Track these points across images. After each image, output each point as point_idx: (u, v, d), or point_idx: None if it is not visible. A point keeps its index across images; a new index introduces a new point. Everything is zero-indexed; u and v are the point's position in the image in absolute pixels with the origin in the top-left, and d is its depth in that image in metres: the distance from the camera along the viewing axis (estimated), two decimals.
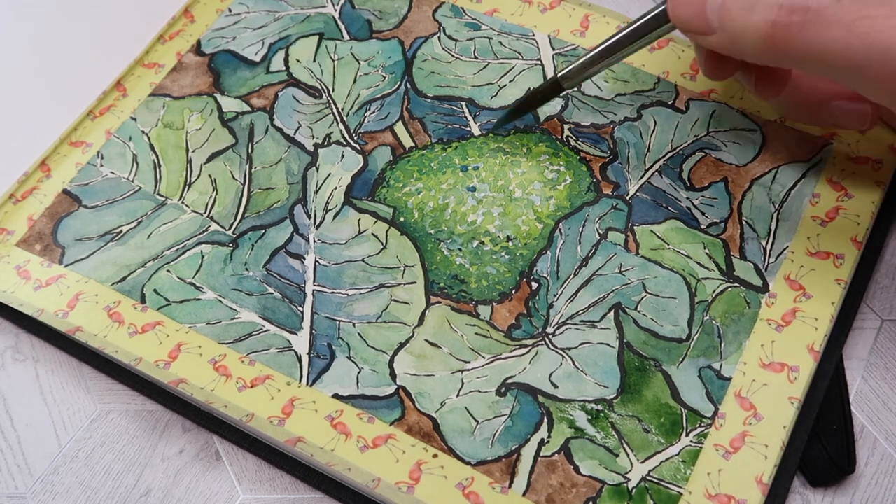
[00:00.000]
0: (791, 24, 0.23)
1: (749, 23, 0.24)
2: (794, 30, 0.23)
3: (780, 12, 0.23)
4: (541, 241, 0.32)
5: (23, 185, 0.35)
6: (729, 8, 0.24)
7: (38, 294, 0.32)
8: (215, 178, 0.35)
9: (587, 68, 0.30)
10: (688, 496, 0.27)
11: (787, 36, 0.23)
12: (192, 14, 0.39)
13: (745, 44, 0.24)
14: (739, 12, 0.24)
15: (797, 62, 0.24)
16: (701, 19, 0.25)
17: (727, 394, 0.28)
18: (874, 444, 0.29)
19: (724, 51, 0.26)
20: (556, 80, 0.31)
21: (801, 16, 0.22)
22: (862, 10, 0.22)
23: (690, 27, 0.26)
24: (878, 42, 0.21)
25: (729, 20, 0.24)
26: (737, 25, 0.24)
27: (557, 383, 0.29)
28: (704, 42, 0.26)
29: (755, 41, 0.24)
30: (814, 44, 0.23)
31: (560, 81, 0.31)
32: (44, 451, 0.31)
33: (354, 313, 0.31)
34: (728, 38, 0.25)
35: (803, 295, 0.30)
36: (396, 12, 0.39)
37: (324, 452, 0.28)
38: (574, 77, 0.31)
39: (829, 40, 0.22)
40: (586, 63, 0.30)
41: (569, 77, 0.31)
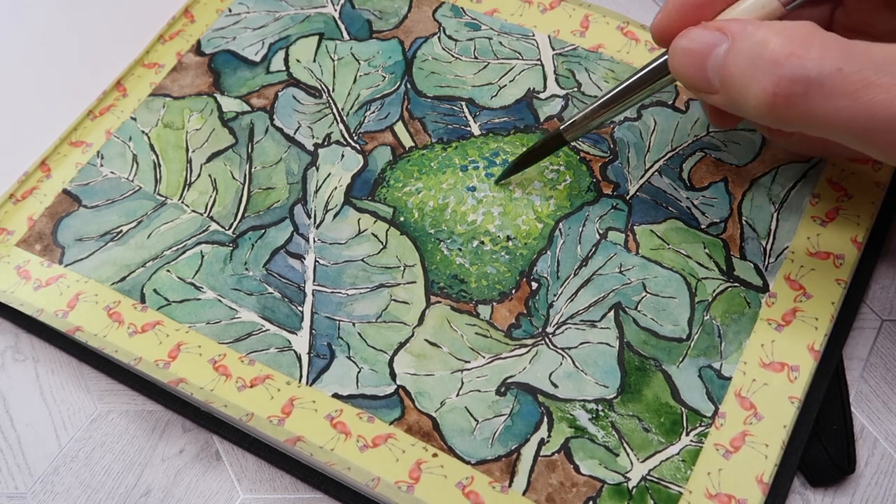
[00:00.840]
0: (792, 94, 0.22)
1: (750, 90, 0.23)
2: (796, 99, 0.22)
3: (780, 82, 0.22)
4: (541, 241, 0.32)
5: (23, 185, 0.35)
6: (730, 71, 0.24)
7: (38, 294, 0.32)
8: (215, 177, 0.35)
9: (589, 120, 0.29)
10: (688, 496, 0.27)
11: (788, 105, 0.22)
12: (192, 14, 0.39)
13: (746, 109, 0.24)
14: (740, 78, 0.23)
15: (800, 128, 0.23)
16: (702, 79, 0.25)
17: (727, 393, 0.28)
18: (874, 444, 0.29)
19: (727, 109, 0.25)
20: (559, 133, 0.30)
21: (802, 86, 0.22)
22: (864, 79, 0.21)
23: (691, 85, 0.25)
24: (883, 111, 0.21)
25: (730, 84, 0.24)
26: (738, 90, 0.24)
27: (557, 383, 0.29)
28: (707, 99, 0.25)
29: (757, 108, 0.23)
30: (817, 112, 0.22)
31: (563, 134, 0.30)
32: (44, 451, 0.31)
33: (354, 313, 0.31)
34: (730, 100, 0.24)
35: (803, 295, 0.30)
36: (396, 12, 0.39)
37: (323, 452, 0.28)
38: (576, 129, 0.30)
39: (833, 109, 0.22)
40: (588, 115, 0.29)
41: (570, 130, 0.30)
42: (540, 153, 0.32)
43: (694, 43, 0.25)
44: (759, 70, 0.23)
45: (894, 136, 0.22)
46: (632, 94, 0.28)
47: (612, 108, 0.29)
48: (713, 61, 0.24)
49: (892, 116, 0.21)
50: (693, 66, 0.25)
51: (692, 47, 0.25)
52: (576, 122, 0.30)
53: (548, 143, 0.31)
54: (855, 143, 0.23)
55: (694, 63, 0.25)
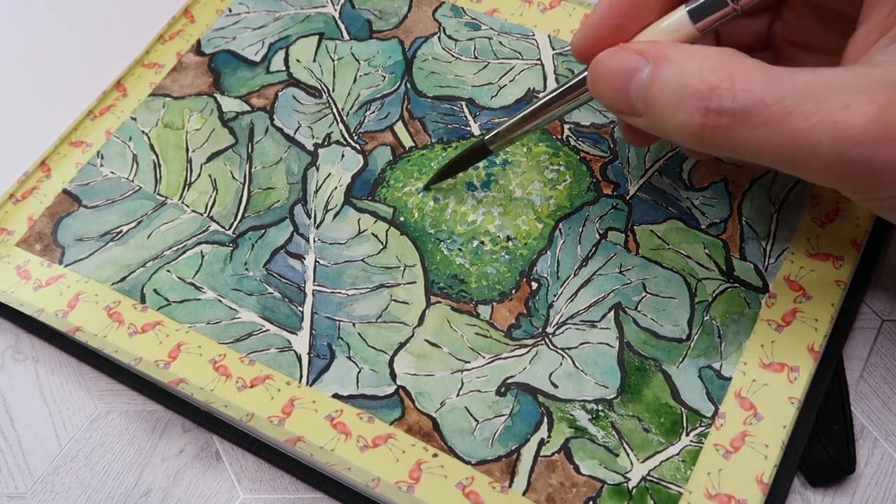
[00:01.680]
0: (718, 125, 0.22)
1: (676, 118, 0.23)
2: (723, 130, 0.22)
3: (706, 114, 0.22)
4: (541, 241, 0.32)
5: (23, 185, 0.35)
6: (655, 98, 0.23)
7: (38, 294, 0.32)
8: (215, 177, 0.35)
9: (512, 132, 0.30)
10: (688, 496, 0.27)
11: (715, 135, 0.23)
12: (192, 14, 0.39)
13: (672, 135, 0.24)
14: (666, 106, 0.23)
15: (728, 154, 0.24)
16: (625, 102, 0.24)
17: (727, 394, 0.28)
18: (874, 444, 0.29)
19: (650, 132, 0.25)
20: (483, 143, 0.31)
21: (728, 117, 0.22)
22: (786, 108, 0.21)
23: (613, 107, 0.25)
24: (804, 140, 0.21)
25: (655, 110, 0.24)
26: (664, 117, 0.23)
27: (557, 383, 0.29)
28: (629, 121, 0.25)
29: (683, 136, 0.23)
30: (742, 142, 0.22)
31: (486, 144, 0.31)
32: (44, 451, 0.31)
33: (354, 313, 0.31)
34: (655, 126, 0.24)
35: (803, 295, 0.30)
36: (396, 12, 0.39)
37: (324, 452, 0.28)
38: (499, 140, 0.30)
39: (758, 138, 0.22)
40: (510, 127, 0.30)
41: (494, 140, 0.30)
42: (465, 162, 0.32)
43: (614, 66, 0.24)
44: (684, 101, 0.23)
45: (817, 163, 0.22)
46: (552, 107, 0.28)
47: (534, 120, 0.29)
48: (636, 86, 0.24)
49: (813, 144, 0.21)
50: (615, 88, 0.24)
51: (613, 70, 0.24)
52: (499, 133, 0.30)
53: (473, 152, 0.31)
54: (783, 168, 0.23)
55: (615, 86, 0.24)
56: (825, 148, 0.21)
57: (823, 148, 0.21)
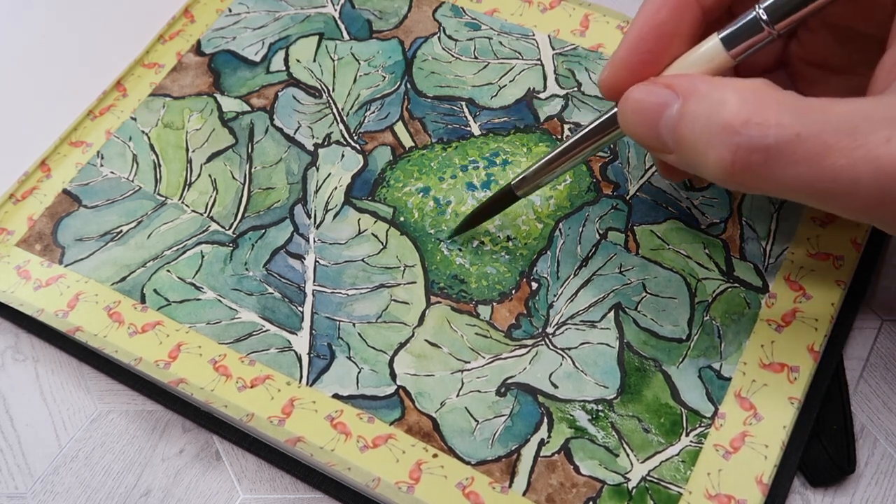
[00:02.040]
0: (751, 163, 0.21)
1: (707, 156, 0.22)
2: (756, 168, 0.21)
3: (738, 151, 0.21)
4: (541, 241, 0.32)
5: (23, 185, 0.35)
6: (685, 135, 0.22)
7: (38, 294, 0.32)
8: (215, 178, 0.35)
9: (539, 175, 0.29)
10: (688, 496, 0.27)
11: (747, 172, 0.21)
12: (192, 14, 0.39)
13: (703, 172, 0.23)
14: (696, 143, 0.22)
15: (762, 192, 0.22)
16: (655, 138, 0.24)
17: (727, 394, 0.28)
18: (874, 444, 0.29)
19: (683, 168, 0.24)
20: (510, 189, 0.30)
21: (761, 155, 0.21)
22: (823, 143, 0.20)
23: (644, 144, 0.24)
24: (844, 176, 0.20)
25: (685, 147, 0.23)
26: (695, 154, 0.22)
27: (557, 383, 0.29)
28: (661, 157, 0.24)
29: (715, 174, 0.22)
30: (777, 179, 0.21)
31: (514, 190, 0.29)
32: (44, 451, 0.31)
33: (354, 313, 0.31)
34: (687, 163, 0.23)
35: (803, 295, 0.30)
36: (396, 12, 0.39)
37: (324, 452, 0.28)
38: (527, 185, 0.29)
39: (793, 175, 0.21)
40: (538, 170, 0.29)
41: (521, 186, 0.29)
42: (492, 210, 0.31)
43: (644, 102, 0.24)
44: (714, 137, 0.21)
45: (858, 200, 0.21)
46: (582, 147, 0.27)
47: (562, 163, 0.28)
48: (666, 122, 0.23)
49: (853, 180, 0.20)
50: (645, 125, 0.24)
51: (642, 107, 0.24)
52: (527, 178, 0.29)
53: (500, 199, 0.30)
54: (818, 204, 0.22)
55: (645, 122, 0.24)
56: (866, 184, 0.20)
57: (864, 184, 0.20)
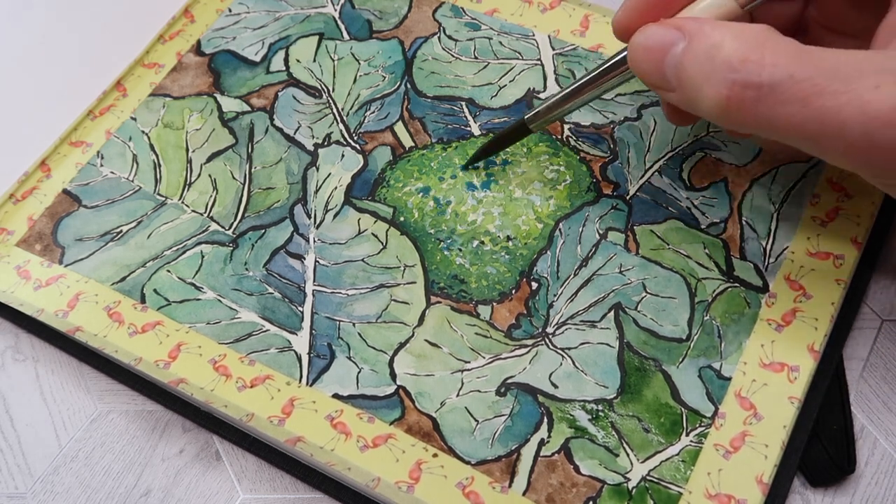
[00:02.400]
0: (745, 98, 0.22)
1: (704, 91, 0.23)
2: (749, 104, 0.22)
3: (733, 87, 0.22)
4: (541, 241, 0.32)
5: (23, 185, 0.35)
6: (686, 71, 0.24)
7: (38, 294, 0.32)
8: (215, 178, 0.35)
9: (552, 110, 0.30)
10: (688, 496, 0.27)
11: (741, 109, 0.23)
12: (192, 14, 0.39)
13: (701, 109, 0.24)
14: (695, 79, 0.23)
15: (753, 130, 0.24)
16: (660, 76, 0.25)
17: (727, 393, 0.28)
18: (874, 444, 0.29)
19: (682, 108, 0.25)
20: (523, 122, 0.31)
21: (754, 91, 0.22)
22: (815, 86, 0.21)
23: (649, 81, 0.26)
24: (831, 118, 0.21)
25: (686, 84, 0.24)
26: (693, 90, 0.24)
27: (557, 383, 0.29)
28: (664, 96, 0.26)
29: (710, 109, 0.23)
30: (769, 117, 0.22)
31: (526, 123, 0.31)
32: (44, 451, 0.31)
33: (354, 313, 0.31)
34: (686, 99, 0.24)
35: (803, 295, 0.30)
36: (396, 12, 0.39)
37: (324, 452, 0.28)
38: (538, 119, 0.31)
39: (784, 115, 0.22)
40: (551, 106, 0.30)
41: (533, 120, 0.31)
42: (505, 141, 0.32)
43: (652, 40, 0.25)
44: (713, 73, 0.23)
45: (843, 143, 0.22)
46: (593, 85, 0.29)
47: (574, 100, 0.29)
48: (670, 60, 0.24)
49: (839, 123, 0.21)
50: (651, 62, 0.25)
51: (650, 44, 0.25)
52: (539, 112, 0.30)
53: (512, 131, 0.32)
54: (806, 147, 0.23)
55: (652, 60, 0.25)
56: (852, 128, 0.21)
57: (850, 128, 0.21)
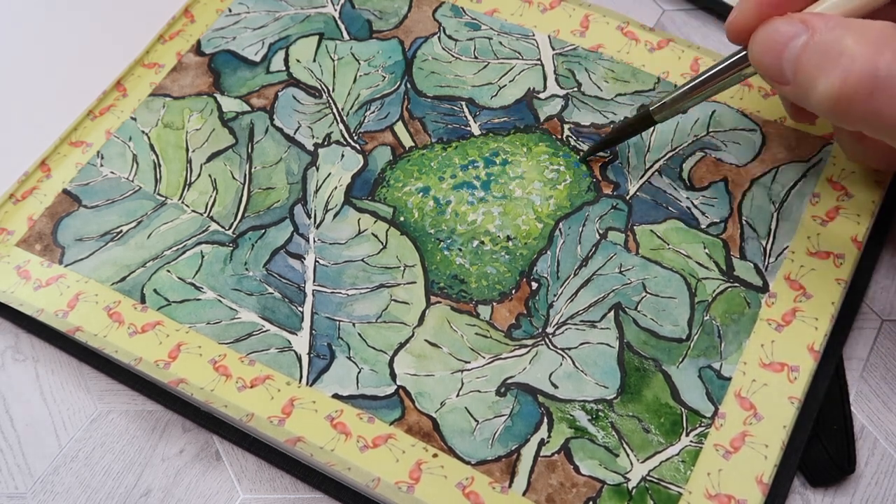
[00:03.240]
0: (858, 91, 0.22)
1: (818, 82, 0.23)
2: (861, 97, 0.22)
3: (848, 79, 0.22)
4: (541, 241, 0.32)
5: (23, 185, 0.35)
6: (803, 63, 0.24)
7: (38, 294, 0.32)
8: (215, 177, 0.35)
9: (676, 103, 0.30)
10: (688, 496, 0.27)
11: (853, 101, 0.23)
12: (192, 14, 0.39)
13: (812, 102, 0.24)
14: (811, 70, 0.23)
15: (864, 126, 0.24)
16: (777, 68, 0.25)
17: (727, 394, 0.28)
18: (874, 444, 0.29)
19: (795, 101, 0.25)
20: (648, 114, 0.31)
21: (868, 85, 0.22)
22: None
23: (767, 73, 0.26)
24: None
25: (801, 75, 0.24)
26: (808, 82, 0.24)
27: (557, 383, 0.29)
28: (780, 91, 0.26)
29: (821, 102, 0.24)
30: (879, 110, 0.22)
31: (651, 115, 0.31)
32: (44, 451, 0.31)
33: (354, 313, 0.31)
34: (799, 91, 0.24)
35: (803, 295, 0.30)
36: (396, 12, 0.39)
37: (324, 452, 0.28)
38: (664, 111, 0.31)
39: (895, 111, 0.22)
40: (676, 98, 0.30)
41: (659, 111, 0.31)
42: (628, 132, 0.32)
43: (776, 32, 0.25)
44: (829, 64, 0.23)
45: None
46: (714, 81, 0.29)
47: (700, 92, 0.30)
48: (790, 53, 0.24)
49: None
50: (770, 54, 0.25)
51: (773, 37, 0.25)
52: (665, 104, 0.31)
53: (637, 122, 0.32)
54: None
55: (772, 51, 0.25)
56: None
57: None
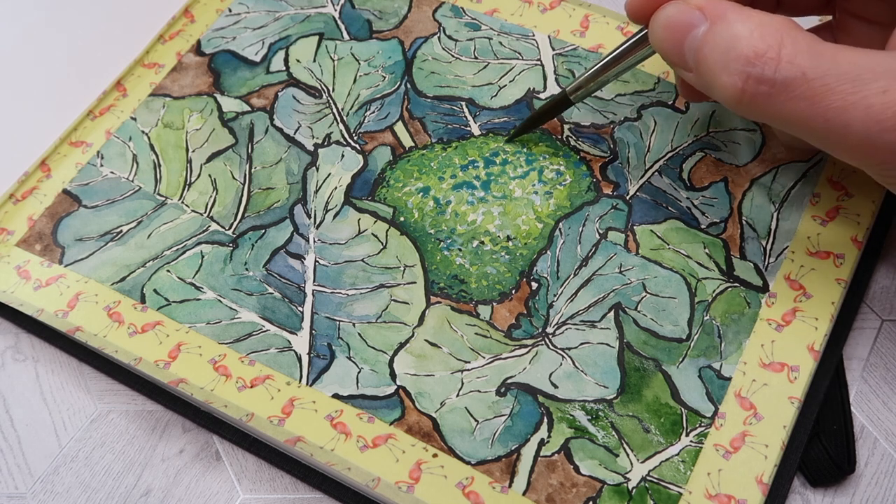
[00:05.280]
0: (758, 91, 0.23)
1: (720, 79, 0.24)
2: (761, 97, 0.23)
3: (748, 80, 0.23)
4: (541, 241, 0.32)
5: (23, 185, 0.35)
6: (705, 57, 0.24)
7: (38, 294, 0.32)
8: (215, 178, 0.35)
9: (590, 81, 0.31)
10: (688, 496, 0.27)
11: (753, 101, 0.23)
12: (192, 14, 0.39)
13: (715, 95, 0.25)
14: (713, 66, 0.24)
15: (764, 121, 0.25)
16: (678, 55, 0.25)
17: (727, 394, 0.28)
18: (874, 444, 0.29)
19: (698, 88, 0.26)
20: (565, 94, 0.32)
21: (768, 86, 0.23)
22: (825, 86, 0.22)
23: (669, 59, 0.26)
24: (837, 118, 0.22)
25: (703, 68, 0.24)
26: (710, 76, 0.24)
27: (557, 383, 0.29)
28: (682, 75, 0.26)
29: (724, 97, 0.24)
30: (779, 111, 0.23)
31: (567, 95, 0.32)
32: (44, 451, 0.31)
33: (354, 313, 0.31)
34: (702, 84, 0.25)
35: (803, 294, 0.30)
36: (396, 12, 0.39)
37: (324, 452, 0.28)
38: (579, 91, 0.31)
39: (794, 110, 0.23)
40: (589, 77, 0.31)
41: (574, 91, 0.31)
42: (547, 115, 0.33)
43: (674, 19, 0.25)
44: (730, 63, 0.23)
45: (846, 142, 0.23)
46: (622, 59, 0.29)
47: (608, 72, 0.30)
48: (690, 42, 0.25)
49: (844, 123, 0.22)
50: (671, 41, 0.25)
51: (672, 23, 0.25)
52: (579, 84, 0.31)
53: (555, 105, 0.32)
54: (813, 141, 0.24)
55: (672, 38, 0.25)
56: (855, 129, 0.22)
57: (854, 129, 0.22)
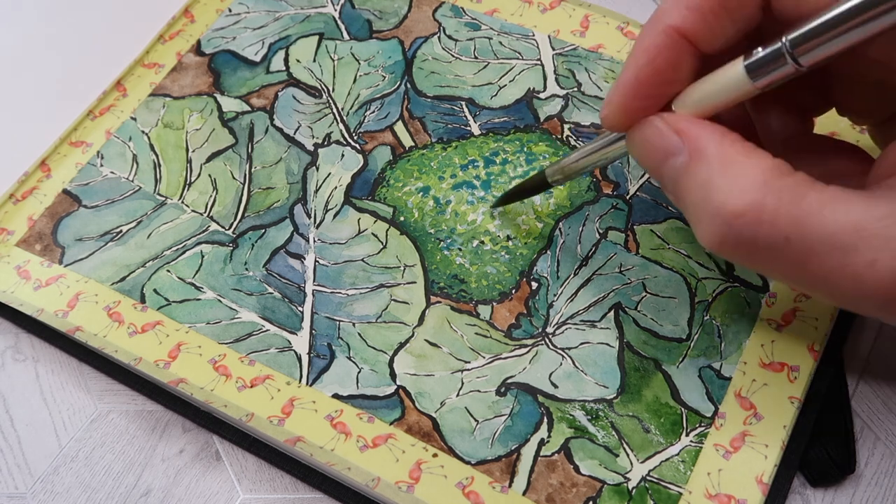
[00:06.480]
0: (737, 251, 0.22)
1: (699, 226, 0.22)
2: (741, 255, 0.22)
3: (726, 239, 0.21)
4: (541, 241, 0.32)
5: (23, 185, 0.35)
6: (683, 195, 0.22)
7: (38, 294, 0.32)
8: (215, 177, 0.35)
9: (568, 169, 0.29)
10: (688, 496, 0.27)
11: (734, 255, 0.22)
12: (192, 14, 0.39)
13: (696, 232, 0.23)
14: (691, 207, 0.22)
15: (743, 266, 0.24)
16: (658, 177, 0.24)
17: (727, 393, 0.28)
18: (874, 444, 0.29)
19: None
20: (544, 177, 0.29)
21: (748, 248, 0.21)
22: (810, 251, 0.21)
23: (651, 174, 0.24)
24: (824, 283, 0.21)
25: (682, 204, 0.23)
26: (688, 215, 0.23)
27: (557, 383, 0.29)
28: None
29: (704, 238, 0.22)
30: (762, 268, 0.23)
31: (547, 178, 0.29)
32: (44, 451, 0.31)
33: (354, 313, 0.31)
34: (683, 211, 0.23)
35: (803, 294, 0.30)
36: (396, 12, 0.39)
37: (323, 452, 0.28)
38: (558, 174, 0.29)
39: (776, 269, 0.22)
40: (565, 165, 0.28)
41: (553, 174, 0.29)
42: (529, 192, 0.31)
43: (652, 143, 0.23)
44: (707, 215, 0.22)
45: (836, 302, 0.23)
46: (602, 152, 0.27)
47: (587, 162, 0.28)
48: (669, 171, 0.23)
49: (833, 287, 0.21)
50: (650, 162, 0.24)
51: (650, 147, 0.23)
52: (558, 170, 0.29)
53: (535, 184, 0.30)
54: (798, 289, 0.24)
55: (651, 160, 0.24)
56: (845, 294, 0.21)
57: (844, 294, 0.21)
